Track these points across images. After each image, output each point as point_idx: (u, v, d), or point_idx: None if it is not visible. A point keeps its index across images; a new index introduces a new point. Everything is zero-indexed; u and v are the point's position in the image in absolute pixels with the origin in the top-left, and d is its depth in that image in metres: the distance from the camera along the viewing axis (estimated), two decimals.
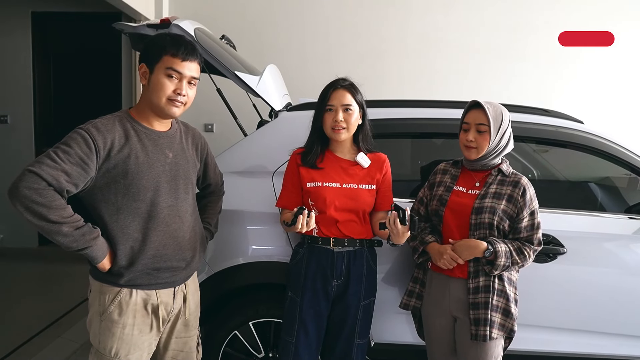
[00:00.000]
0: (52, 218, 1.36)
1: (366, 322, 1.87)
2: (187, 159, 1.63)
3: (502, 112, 1.77)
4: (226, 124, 3.13)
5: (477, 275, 1.74)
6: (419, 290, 1.90)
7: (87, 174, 1.44)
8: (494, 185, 1.78)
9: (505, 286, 1.75)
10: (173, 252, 1.56)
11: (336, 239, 1.80)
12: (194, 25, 2.15)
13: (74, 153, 1.39)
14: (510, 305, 1.74)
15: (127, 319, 1.53)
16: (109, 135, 1.45)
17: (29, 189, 1.32)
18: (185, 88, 1.51)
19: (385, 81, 4.06)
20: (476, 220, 1.74)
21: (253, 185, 2.10)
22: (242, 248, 2.10)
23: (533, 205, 1.76)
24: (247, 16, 4.15)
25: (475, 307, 1.72)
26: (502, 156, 1.82)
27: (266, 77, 2.26)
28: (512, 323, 1.75)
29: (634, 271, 2.12)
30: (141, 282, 1.53)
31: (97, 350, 1.56)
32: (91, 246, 1.45)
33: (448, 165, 1.93)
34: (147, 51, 1.52)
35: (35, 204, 1.33)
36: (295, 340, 1.81)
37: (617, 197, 2.56)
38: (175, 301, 1.62)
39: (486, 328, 1.70)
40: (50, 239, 1.41)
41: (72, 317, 3.24)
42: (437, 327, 1.84)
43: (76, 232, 1.42)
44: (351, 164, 1.85)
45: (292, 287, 1.86)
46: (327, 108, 1.79)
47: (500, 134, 1.75)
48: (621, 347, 2.13)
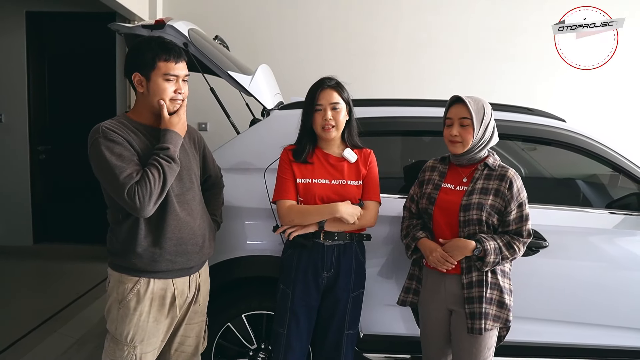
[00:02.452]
0: (167, 180, 1.54)
1: (355, 313, 1.92)
2: (187, 152, 1.73)
3: (484, 105, 1.79)
4: (220, 123, 3.17)
5: (470, 270, 1.77)
6: (415, 286, 1.93)
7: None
8: (480, 180, 1.79)
9: (499, 279, 1.79)
10: (187, 236, 1.66)
11: (326, 233, 1.86)
12: (187, 26, 2.19)
13: (119, 148, 1.52)
14: (504, 297, 1.78)
15: (144, 307, 1.62)
16: (121, 132, 1.56)
17: (137, 197, 1.48)
18: (182, 86, 1.63)
19: (376, 80, 4.12)
20: (465, 218, 1.76)
21: (245, 181, 2.15)
22: (235, 243, 2.15)
23: (521, 197, 1.76)
24: (241, 17, 4.20)
25: (470, 302, 1.76)
26: (488, 149, 1.83)
27: (258, 77, 2.31)
28: (507, 314, 1.78)
29: (614, 264, 2.20)
30: (159, 269, 1.62)
31: (114, 337, 1.64)
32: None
33: (436, 162, 1.95)
34: (137, 60, 1.60)
35: (150, 192, 1.50)
36: (286, 331, 1.87)
37: (602, 193, 2.64)
38: (190, 289, 1.72)
39: (481, 321, 1.73)
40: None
41: (68, 313, 3.28)
42: (432, 319, 1.88)
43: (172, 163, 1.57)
44: (339, 160, 1.91)
45: (283, 279, 1.92)
46: (316, 108, 1.85)
47: (484, 127, 1.76)
48: (602, 337, 2.21)
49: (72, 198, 4.58)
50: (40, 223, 4.58)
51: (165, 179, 1.53)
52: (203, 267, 1.81)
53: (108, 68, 4.31)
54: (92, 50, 4.48)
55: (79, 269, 4.12)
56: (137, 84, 1.61)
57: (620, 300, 2.18)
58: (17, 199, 4.43)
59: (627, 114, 4.15)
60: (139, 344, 1.63)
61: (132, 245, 1.59)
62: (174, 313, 1.69)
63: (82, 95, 4.54)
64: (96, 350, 2.77)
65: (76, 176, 4.51)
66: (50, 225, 4.63)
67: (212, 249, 1.81)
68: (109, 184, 1.52)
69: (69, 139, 4.46)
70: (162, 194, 1.54)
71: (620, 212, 2.22)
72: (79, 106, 4.53)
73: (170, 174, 1.55)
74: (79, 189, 4.48)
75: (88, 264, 4.17)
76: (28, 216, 4.49)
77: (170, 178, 1.56)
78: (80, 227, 4.53)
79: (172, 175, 1.56)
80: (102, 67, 4.40)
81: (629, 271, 2.20)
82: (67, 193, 4.61)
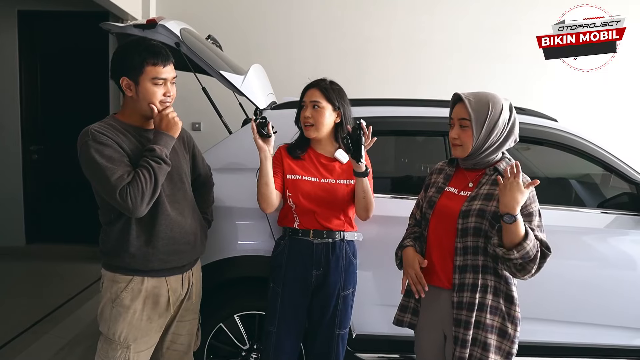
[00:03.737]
0: (158, 180, 1.55)
1: (346, 313, 1.92)
2: (177, 152, 1.73)
3: (490, 103, 1.54)
4: (213, 123, 3.16)
5: (462, 288, 1.54)
6: (414, 305, 1.71)
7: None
8: (486, 186, 1.57)
9: (501, 302, 1.54)
10: (179, 235, 1.67)
11: (315, 231, 1.87)
12: (180, 26, 2.19)
13: (109, 150, 1.52)
14: (506, 325, 1.53)
15: (137, 304, 1.62)
16: (110, 134, 1.56)
17: (129, 198, 1.48)
18: (171, 88, 1.63)
19: (370, 80, 4.12)
20: (463, 225, 1.55)
21: (238, 181, 2.15)
22: (227, 243, 2.15)
23: (532, 207, 1.52)
24: (234, 16, 4.19)
25: (457, 324, 1.53)
26: (501, 152, 1.61)
27: (251, 77, 2.30)
28: (509, 346, 1.53)
29: (605, 264, 2.21)
30: (152, 267, 1.63)
31: (107, 337, 1.64)
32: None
33: (444, 164, 1.77)
34: (123, 64, 1.59)
35: (143, 193, 1.50)
36: (276, 329, 1.87)
37: (594, 192, 2.65)
38: (183, 287, 1.73)
39: (464, 350, 1.51)
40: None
41: (60, 314, 3.25)
42: (427, 341, 1.68)
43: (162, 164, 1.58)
44: (330, 160, 1.92)
45: (273, 277, 1.92)
46: (301, 104, 1.88)
47: (488, 128, 1.54)
48: (595, 336, 2.22)
49: (65, 198, 4.55)
50: (32, 223, 4.54)
51: (156, 179, 1.53)
52: (195, 265, 1.82)
53: (101, 68, 4.28)
54: (84, 50, 4.45)
55: (71, 269, 4.09)
56: (125, 88, 1.60)
57: (612, 299, 2.19)
58: (10, 199, 4.40)
59: (622, 113, 4.17)
60: (132, 343, 1.63)
61: (125, 245, 1.59)
62: (168, 312, 1.69)
63: (75, 95, 4.51)
64: (88, 351, 2.75)
65: (69, 176, 4.47)
66: (43, 226, 4.60)
67: (204, 246, 1.83)
68: (101, 186, 1.52)
69: (61, 138, 4.40)
70: (154, 194, 1.55)
71: (612, 212, 2.23)
72: (72, 106, 4.50)
73: (160, 174, 1.55)
74: (71, 189, 4.45)
75: (81, 264, 4.15)
76: (20, 217, 4.46)
77: (161, 178, 1.56)
78: (73, 227, 4.50)
79: (162, 175, 1.56)
80: (94, 67, 4.38)
81: (620, 270, 2.21)
82: (60, 193, 4.58)
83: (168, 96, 1.62)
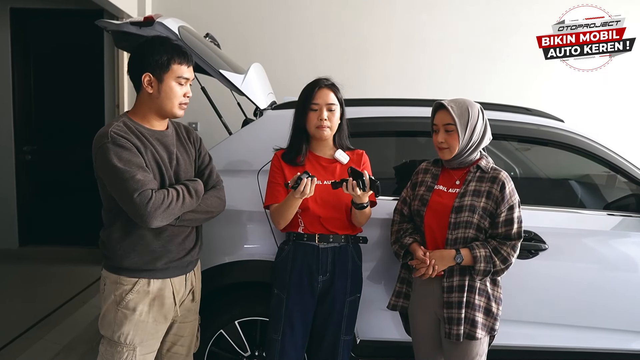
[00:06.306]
0: (182, 205, 1.57)
1: (352, 318, 1.89)
2: (187, 152, 1.73)
3: (469, 108, 1.75)
4: (210, 123, 3.12)
5: (452, 274, 1.75)
6: (405, 290, 1.90)
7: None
8: (473, 183, 1.77)
9: (487, 285, 1.77)
10: (183, 235, 1.66)
11: (321, 235, 1.83)
12: (177, 24, 2.14)
13: (128, 153, 1.50)
14: (491, 305, 1.76)
15: (144, 306, 1.61)
16: (129, 137, 1.54)
17: (150, 203, 1.47)
18: (189, 90, 1.66)
19: (369, 80, 4.08)
20: (455, 220, 1.74)
21: (238, 183, 2.09)
22: (228, 247, 2.10)
23: (512, 200, 1.74)
24: (232, 15, 4.14)
25: (449, 306, 1.74)
26: (479, 150, 1.81)
27: (251, 76, 2.26)
28: (492, 322, 1.76)
29: (612, 266, 2.18)
30: (157, 268, 1.61)
31: (111, 340, 1.61)
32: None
33: (429, 165, 1.93)
34: (148, 60, 1.56)
35: (164, 205, 1.50)
36: (281, 337, 1.82)
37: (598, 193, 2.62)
38: (185, 288, 1.73)
39: (459, 327, 1.71)
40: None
41: (55, 318, 3.19)
42: (422, 324, 1.85)
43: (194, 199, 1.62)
44: (330, 161, 1.88)
45: (277, 284, 1.87)
46: (312, 107, 1.81)
47: (470, 130, 1.74)
48: (601, 340, 2.18)
49: (59, 199, 4.48)
50: (26, 225, 4.46)
51: (183, 203, 1.56)
52: (196, 265, 1.81)
53: (95, 66, 4.23)
54: (79, 48, 4.38)
55: (66, 272, 4.03)
56: (146, 84, 1.58)
57: (618, 303, 2.16)
58: (2, 200, 4.31)
59: (622, 113, 4.16)
60: (138, 345, 1.61)
61: (130, 246, 1.58)
62: (173, 313, 1.68)
63: (68, 94, 4.44)
64: (84, 357, 2.70)
65: (63, 177, 4.43)
66: (36, 228, 4.51)
67: (202, 244, 1.81)
68: (118, 189, 1.50)
69: (55, 138, 4.38)
70: (170, 214, 1.53)
71: (618, 214, 2.20)
72: (66, 105, 4.43)
73: (187, 204, 1.58)
74: (66, 190, 4.40)
75: (75, 266, 4.09)
76: (13, 218, 4.37)
77: (184, 208, 1.58)
78: (67, 229, 4.43)
79: (186, 207, 1.59)
80: (89, 66, 4.31)
81: (627, 273, 2.18)
82: (54, 194, 4.50)
83: (188, 97, 1.64)
